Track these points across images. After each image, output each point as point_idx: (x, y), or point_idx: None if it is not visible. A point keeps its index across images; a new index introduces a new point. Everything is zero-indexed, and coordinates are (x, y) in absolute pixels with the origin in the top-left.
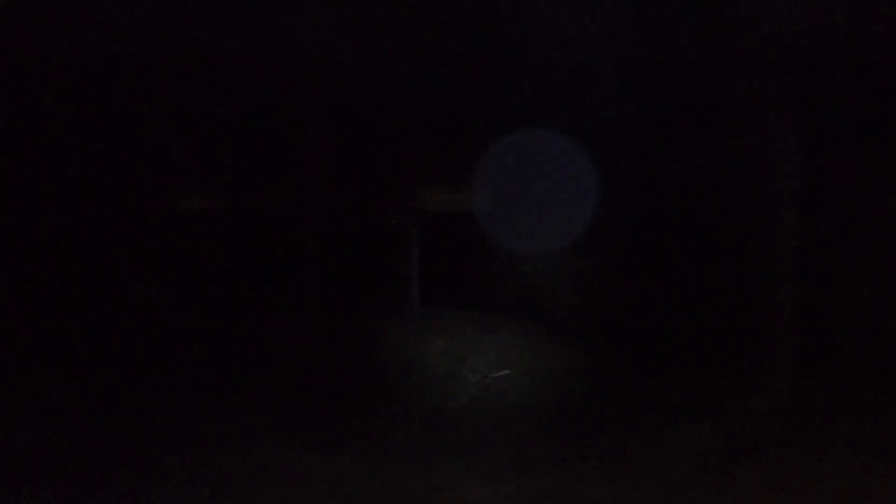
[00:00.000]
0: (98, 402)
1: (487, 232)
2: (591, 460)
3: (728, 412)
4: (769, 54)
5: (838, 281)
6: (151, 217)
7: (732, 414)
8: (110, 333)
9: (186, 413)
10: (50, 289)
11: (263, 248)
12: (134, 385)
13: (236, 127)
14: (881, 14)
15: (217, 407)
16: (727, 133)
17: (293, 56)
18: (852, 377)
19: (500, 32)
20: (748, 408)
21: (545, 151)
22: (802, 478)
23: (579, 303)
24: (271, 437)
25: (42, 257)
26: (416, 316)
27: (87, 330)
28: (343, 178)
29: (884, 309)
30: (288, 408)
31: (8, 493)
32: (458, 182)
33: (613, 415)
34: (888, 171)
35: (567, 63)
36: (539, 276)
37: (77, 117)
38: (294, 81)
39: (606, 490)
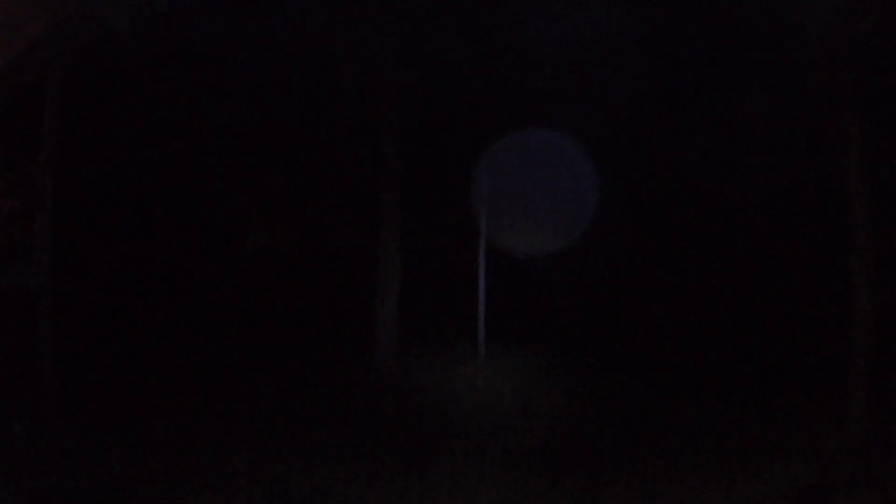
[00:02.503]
0: (180, 436)
1: (553, 271)
2: (674, 498)
3: (817, 448)
4: (840, 84)
5: None
6: (232, 254)
7: (822, 449)
8: (192, 367)
9: (265, 451)
10: (140, 319)
11: (337, 287)
12: (209, 422)
13: (311, 170)
14: None
15: (291, 449)
16: (802, 165)
17: (369, 96)
18: None
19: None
20: (836, 443)
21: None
22: None
23: (650, 338)
24: (348, 480)
25: (137, 290)
26: (483, 353)
27: (168, 362)
28: (414, 218)
29: None
30: (362, 448)
31: None
32: (525, 224)
33: (696, 452)
34: None
35: (644, 100)
36: (606, 312)
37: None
38: (368, 124)
39: None
